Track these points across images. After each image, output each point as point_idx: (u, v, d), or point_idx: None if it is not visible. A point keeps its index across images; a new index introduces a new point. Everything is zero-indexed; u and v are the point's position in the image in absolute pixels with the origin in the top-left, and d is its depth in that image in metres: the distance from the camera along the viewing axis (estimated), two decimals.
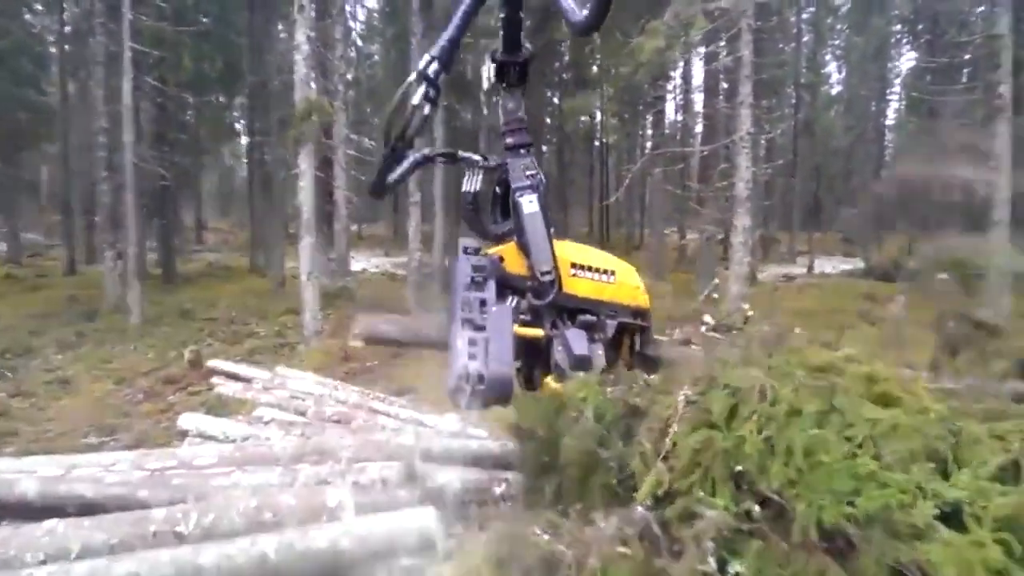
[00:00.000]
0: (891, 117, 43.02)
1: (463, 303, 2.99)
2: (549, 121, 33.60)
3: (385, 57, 40.01)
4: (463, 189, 3.68)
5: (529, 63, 3.39)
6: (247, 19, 28.99)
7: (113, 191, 22.37)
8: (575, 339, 3.14)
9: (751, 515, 1.74)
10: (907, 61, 37.74)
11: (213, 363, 8.13)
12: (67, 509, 2.68)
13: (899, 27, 34.79)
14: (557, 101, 32.39)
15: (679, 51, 19.02)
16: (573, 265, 3.38)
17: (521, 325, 3.18)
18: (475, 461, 3.24)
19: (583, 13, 2.27)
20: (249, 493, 2.69)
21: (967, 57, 24.12)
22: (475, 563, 2.02)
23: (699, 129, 29.37)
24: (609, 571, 1.75)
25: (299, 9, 16.53)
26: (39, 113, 30.06)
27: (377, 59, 42.85)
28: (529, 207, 3.26)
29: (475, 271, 3.12)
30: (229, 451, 3.36)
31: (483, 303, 3.00)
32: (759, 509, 1.74)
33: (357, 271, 28.15)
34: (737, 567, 1.69)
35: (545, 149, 34.32)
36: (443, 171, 22.57)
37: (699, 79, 30.79)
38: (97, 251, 27.24)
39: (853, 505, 1.62)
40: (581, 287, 3.36)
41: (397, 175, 3.42)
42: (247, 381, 6.09)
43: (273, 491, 2.75)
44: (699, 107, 29.77)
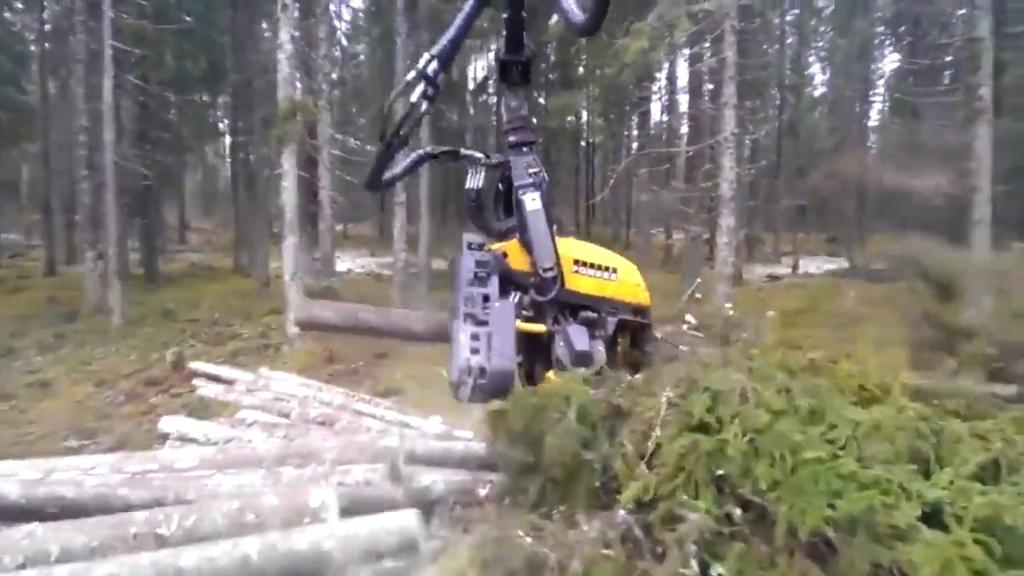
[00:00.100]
0: (875, 118, 43.34)
1: (466, 298, 3.02)
2: (536, 120, 33.62)
3: (371, 57, 39.79)
4: (466, 186, 3.72)
5: (532, 62, 3.41)
6: (230, 17, 28.82)
7: (94, 190, 22.20)
8: (576, 335, 3.16)
9: (733, 518, 1.75)
10: (890, 63, 38.07)
11: (195, 365, 8.02)
12: (47, 512, 2.65)
13: (882, 29, 35.03)
14: (543, 101, 32.44)
15: (664, 52, 19.15)
16: (575, 262, 3.40)
17: (523, 321, 3.20)
18: (460, 463, 3.24)
19: (583, 15, 2.32)
20: (231, 495, 2.67)
21: (949, 59, 24.43)
22: (459, 565, 2.01)
23: (684, 130, 29.49)
24: (592, 573, 1.75)
25: (282, 8, 16.47)
26: (19, 112, 29.73)
27: (363, 59, 42.63)
28: (532, 205, 3.28)
29: (478, 266, 3.15)
30: (211, 454, 3.32)
31: (486, 298, 3.04)
32: (741, 512, 1.74)
33: (342, 271, 28.02)
34: (719, 569, 1.69)
35: None
36: (429, 172, 22.47)
37: (684, 80, 31.01)
38: (78, 251, 26.97)
39: (834, 508, 1.63)
40: (583, 284, 3.39)
41: (398, 172, 3.48)
42: (230, 383, 6.01)
43: (256, 492, 2.73)
44: (684, 108, 29.94)
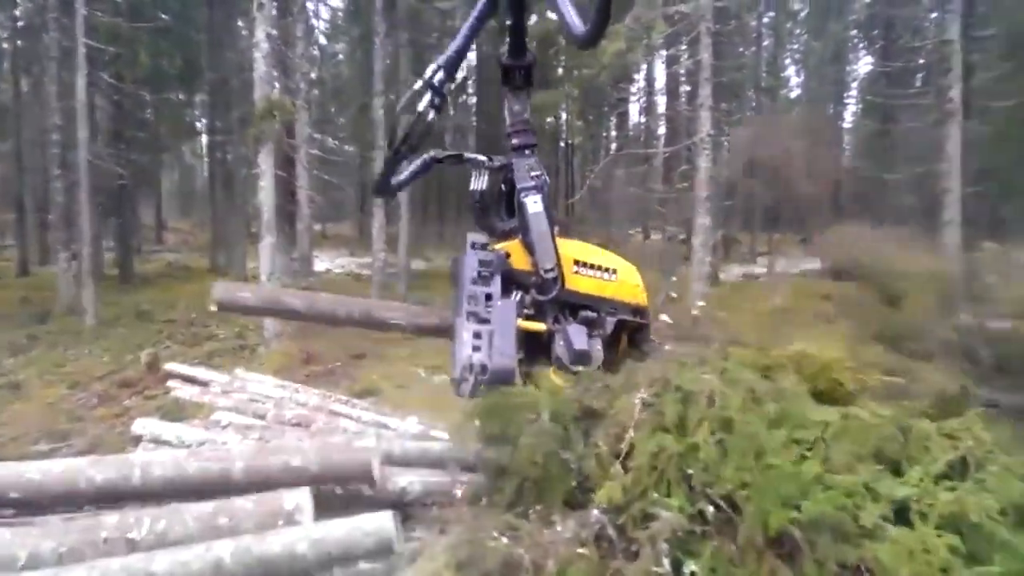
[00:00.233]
0: (848, 120, 43.89)
1: (469, 296, 3.12)
2: None
3: (350, 56, 39.53)
4: (471, 188, 3.79)
5: (533, 67, 3.52)
6: (207, 15, 28.47)
7: (67, 189, 21.79)
8: (576, 334, 3.26)
9: (706, 516, 1.76)
10: (863, 65, 38.53)
11: (170, 366, 7.90)
12: (11, 514, 2.60)
13: (855, 32, 35.48)
14: None
15: (641, 54, 19.24)
16: (576, 263, 3.49)
17: (524, 319, 3.28)
18: (436, 464, 3.23)
19: (584, 27, 2.38)
20: (204, 497, 2.64)
21: (920, 62, 24.81)
22: (436, 567, 2.01)
23: (662, 131, 29.64)
24: (567, 573, 1.76)
25: (259, 7, 16.27)
26: None
27: (342, 58, 42.30)
28: (533, 207, 3.37)
29: (482, 266, 3.24)
30: (184, 456, 3.28)
31: (488, 297, 3.14)
32: (713, 511, 1.76)
33: (321, 271, 27.76)
34: (692, 567, 1.71)
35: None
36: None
37: (662, 82, 31.17)
38: (51, 251, 26.49)
39: (800, 510, 1.65)
40: (583, 284, 3.47)
41: (405, 177, 3.61)
42: (205, 384, 5.93)
43: (228, 495, 2.70)
44: (662, 109, 30.06)
